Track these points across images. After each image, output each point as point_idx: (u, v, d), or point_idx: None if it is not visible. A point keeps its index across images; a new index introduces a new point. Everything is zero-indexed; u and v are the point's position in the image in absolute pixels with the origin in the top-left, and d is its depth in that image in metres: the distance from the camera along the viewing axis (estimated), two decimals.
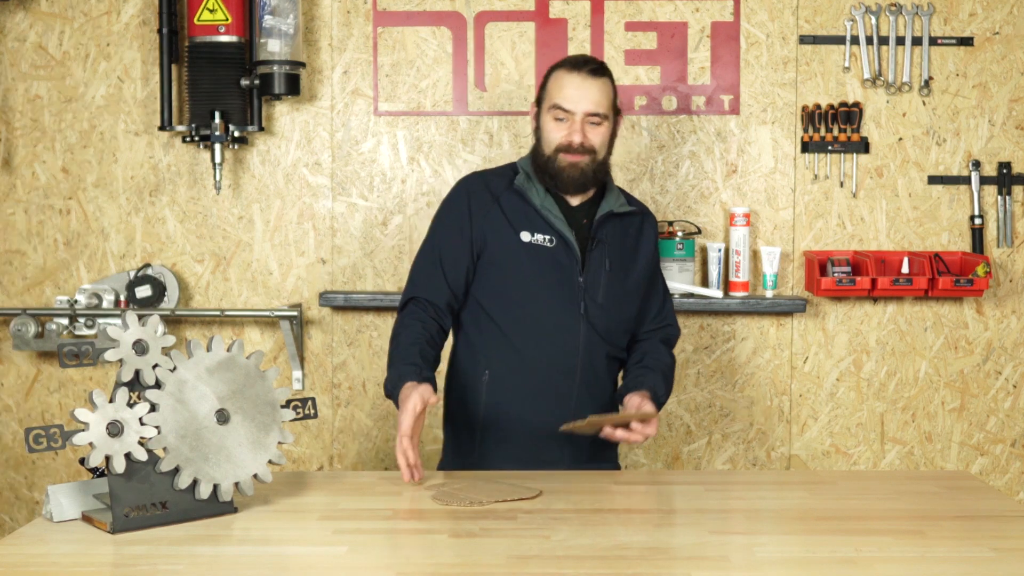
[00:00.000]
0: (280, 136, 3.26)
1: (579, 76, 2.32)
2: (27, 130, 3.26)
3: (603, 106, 2.32)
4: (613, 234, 2.40)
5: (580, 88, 2.31)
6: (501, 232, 2.34)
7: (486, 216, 2.35)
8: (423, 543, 1.72)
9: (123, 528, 1.74)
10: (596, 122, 2.32)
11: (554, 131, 2.33)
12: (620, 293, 2.39)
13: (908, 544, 1.71)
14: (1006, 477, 3.32)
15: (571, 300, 2.33)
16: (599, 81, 2.33)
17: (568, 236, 2.33)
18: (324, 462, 3.32)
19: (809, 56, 3.24)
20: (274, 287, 3.29)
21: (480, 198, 2.37)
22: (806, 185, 3.25)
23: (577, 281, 2.33)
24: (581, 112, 2.31)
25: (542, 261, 2.33)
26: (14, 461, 3.34)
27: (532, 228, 2.34)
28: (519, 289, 2.33)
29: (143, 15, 3.23)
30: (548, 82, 2.37)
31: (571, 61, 2.37)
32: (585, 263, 2.34)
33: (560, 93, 2.32)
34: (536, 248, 2.33)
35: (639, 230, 2.46)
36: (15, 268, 3.29)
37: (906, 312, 3.28)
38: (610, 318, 2.37)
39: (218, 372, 1.83)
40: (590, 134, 2.31)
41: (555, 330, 2.33)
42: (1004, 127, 3.24)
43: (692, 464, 3.30)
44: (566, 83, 2.32)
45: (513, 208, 2.35)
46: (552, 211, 2.34)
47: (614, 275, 2.37)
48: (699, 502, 1.97)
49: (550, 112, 2.33)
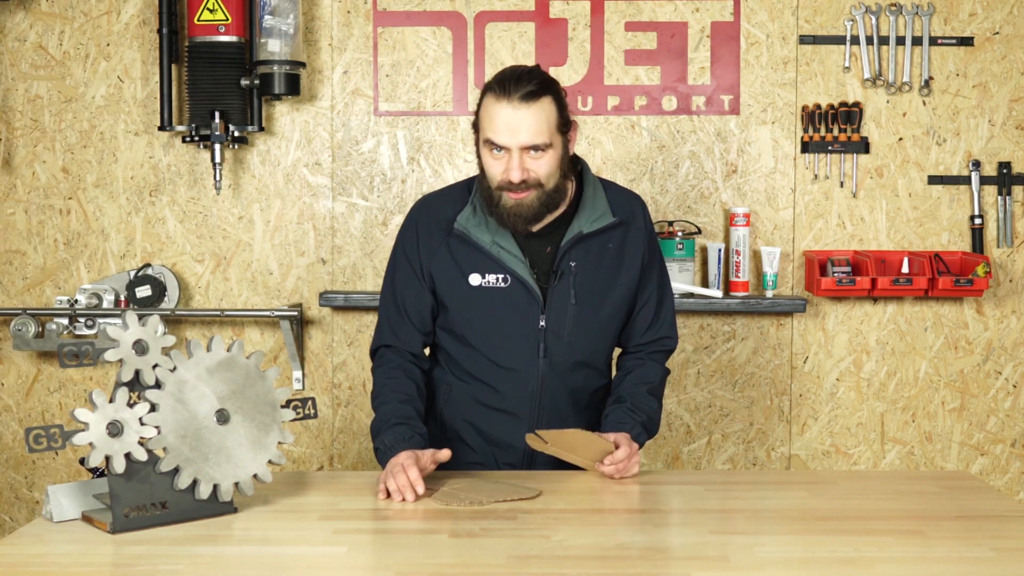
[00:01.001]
0: (280, 136, 3.26)
1: (510, 107, 2.03)
2: (27, 130, 3.26)
3: (543, 134, 2.04)
4: (584, 258, 2.17)
5: (512, 121, 2.03)
6: (449, 276, 2.17)
7: (433, 257, 2.18)
8: (423, 543, 1.72)
9: (123, 528, 1.74)
10: (537, 154, 2.05)
11: (492, 165, 2.08)
12: (591, 325, 2.19)
13: (908, 544, 1.71)
14: (1006, 477, 3.32)
15: (528, 342, 2.15)
16: (534, 107, 2.03)
17: (522, 274, 2.13)
18: (324, 462, 3.32)
19: (809, 56, 3.24)
20: (274, 287, 3.29)
21: (428, 235, 2.19)
22: (806, 185, 3.25)
23: (537, 322, 2.14)
24: (516, 147, 2.04)
25: (495, 304, 2.15)
26: (14, 461, 3.34)
27: (482, 269, 2.14)
28: (470, 334, 2.18)
29: (143, 15, 3.23)
30: (481, 109, 2.10)
31: (501, 83, 2.05)
32: (547, 300, 2.15)
33: (491, 126, 2.05)
34: (487, 292, 2.14)
35: (622, 242, 2.21)
36: (15, 268, 3.29)
37: (906, 312, 3.28)
38: (579, 353, 2.19)
39: (218, 372, 1.83)
40: (532, 166, 2.05)
41: (511, 373, 2.17)
42: (1004, 127, 3.24)
43: (692, 464, 3.30)
44: (496, 115, 2.04)
45: (460, 249, 2.16)
46: (505, 246, 2.13)
47: (584, 308, 2.17)
48: (699, 502, 1.97)
49: (485, 145, 2.08)
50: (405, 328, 2.22)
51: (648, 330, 2.29)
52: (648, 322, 2.28)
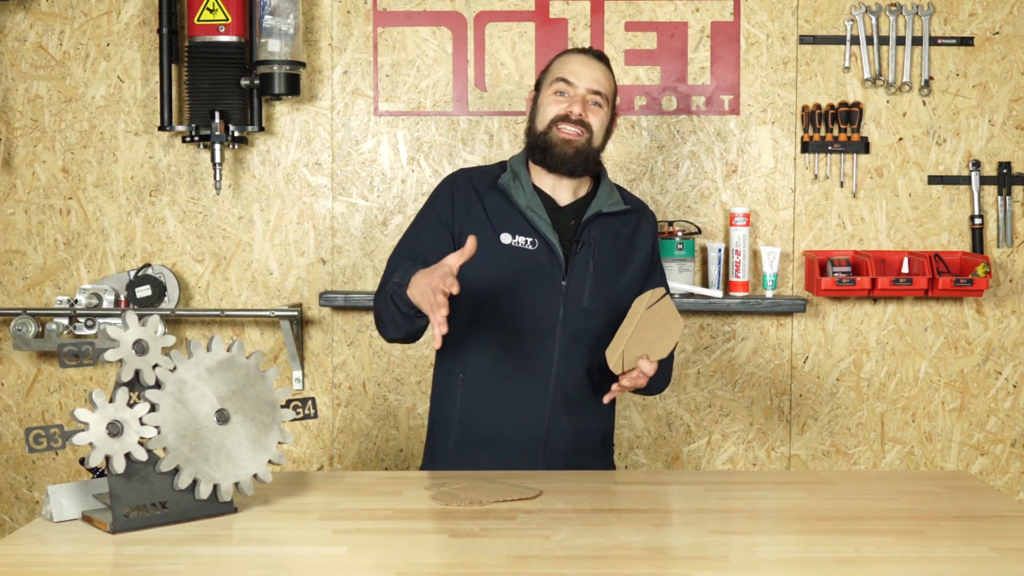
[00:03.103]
0: (280, 136, 3.26)
1: (584, 56, 2.33)
2: (27, 130, 3.26)
3: (605, 87, 2.31)
4: (602, 235, 2.32)
5: (585, 66, 2.31)
6: (481, 232, 2.24)
7: (467, 214, 2.29)
8: (423, 543, 1.72)
9: (123, 528, 1.74)
10: (597, 102, 2.30)
11: (553, 105, 2.30)
12: (607, 297, 2.30)
13: (908, 544, 1.71)
14: (1006, 477, 3.32)
15: (550, 305, 2.26)
16: (603, 65, 2.34)
17: (551, 239, 2.26)
18: (324, 462, 3.32)
19: (809, 56, 3.24)
20: (274, 287, 3.29)
21: (464, 195, 2.32)
22: (806, 185, 3.25)
23: (559, 286, 2.26)
24: (584, 87, 2.29)
25: (522, 264, 2.26)
26: (14, 461, 3.34)
27: (514, 230, 2.28)
28: (495, 292, 2.26)
29: (143, 15, 3.23)
30: (551, 65, 2.37)
31: (575, 48, 2.40)
32: (568, 267, 2.28)
33: (564, 68, 2.31)
34: (516, 251, 2.26)
35: (634, 229, 2.39)
36: (15, 268, 3.29)
37: (906, 312, 3.28)
38: (595, 322, 2.28)
39: (218, 372, 1.83)
40: (589, 111, 2.29)
41: (531, 336, 2.26)
42: (1004, 127, 3.24)
43: (692, 464, 3.30)
44: (571, 60, 2.33)
45: (496, 208, 2.30)
46: (537, 212, 2.28)
47: (601, 278, 2.29)
48: (699, 502, 1.97)
49: (552, 86, 2.31)
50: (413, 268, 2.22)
51: None
52: None
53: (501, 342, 2.27)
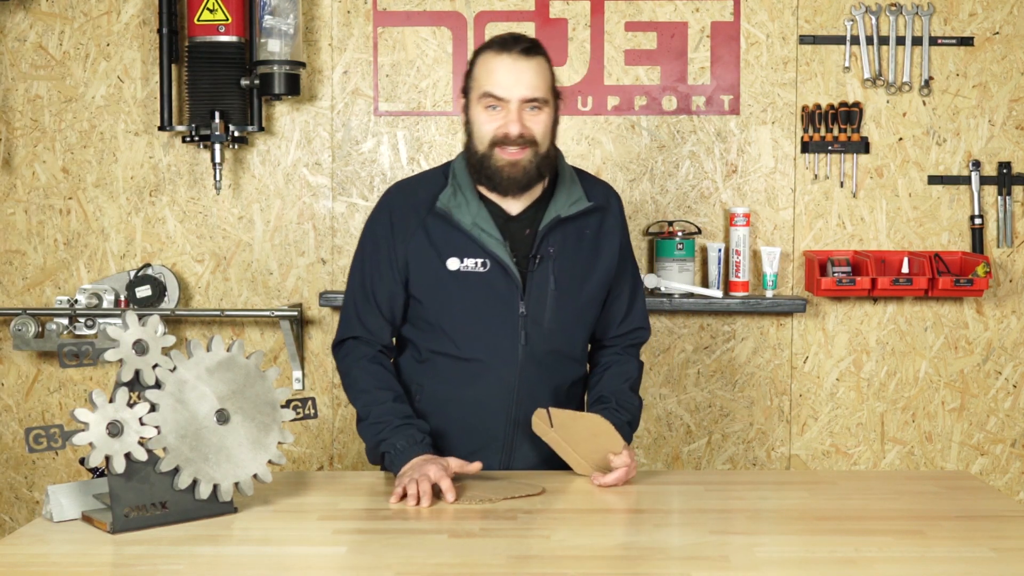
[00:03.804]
0: (280, 136, 3.26)
1: (510, 58, 2.02)
2: (27, 130, 3.26)
3: (541, 89, 2.04)
4: (564, 242, 2.12)
5: (512, 71, 2.02)
6: (425, 260, 2.10)
7: (409, 242, 2.11)
8: (423, 543, 1.72)
9: (123, 528, 1.74)
10: (536, 107, 2.04)
11: (486, 122, 2.05)
12: (572, 312, 2.14)
13: (908, 544, 1.71)
14: (1006, 477, 3.32)
15: (509, 331, 2.10)
16: (533, 61, 2.04)
17: (503, 258, 2.07)
18: (324, 462, 3.32)
19: (809, 56, 3.24)
20: (274, 287, 3.29)
21: (403, 220, 2.12)
22: (806, 185, 3.26)
23: (516, 307, 2.09)
24: (516, 98, 2.02)
25: (474, 290, 2.08)
26: (14, 461, 3.34)
27: (461, 253, 2.08)
28: (447, 322, 2.11)
29: (143, 15, 3.23)
30: (475, 68, 2.08)
31: (499, 41, 2.06)
32: (527, 286, 2.10)
33: (490, 79, 2.03)
34: (466, 276, 2.08)
35: (599, 228, 2.18)
36: (15, 268, 3.29)
37: (906, 312, 3.28)
38: (558, 342, 2.14)
39: (218, 372, 1.83)
40: (529, 122, 2.03)
41: (490, 361, 2.11)
42: (1004, 127, 3.24)
43: (692, 464, 3.30)
44: (496, 67, 2.03)
45: (439, 231, 2.09)
46: (486, 230, 2.08)
47: (563, 293, 2.12)
48: (699, 502, 1.97)
49: (480, 102, 2.05)
50: (374, 318, 2.16)
51: (623, 322, 2.26)
52: (623, 314, 2.26)
53: (459, 367, 2.13)
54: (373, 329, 2.17)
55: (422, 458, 2.01)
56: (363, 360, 2.16)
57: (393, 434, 2.07)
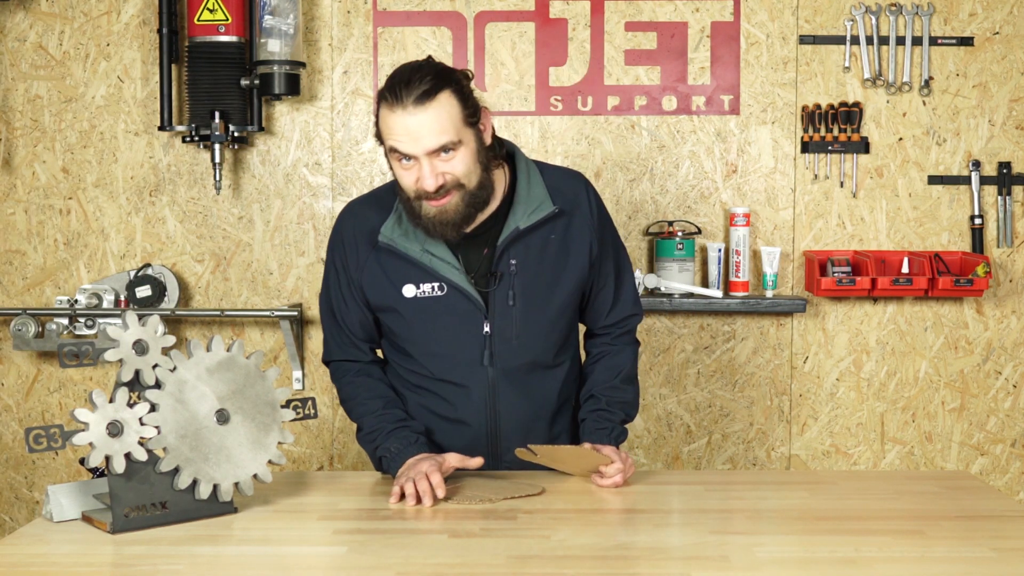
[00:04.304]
0: (280, 136, 3.26)
1: (405, 113, 1.89)
2: (27, 130, 3.26)
3: (447, 133, 1.90)
4: (526, 255, 2.05)
5: (411, 127, 1.89)
6: (382, 289, 2.06)
7: (363, 271, 2.08)
8: (423, 543, 1.72)
9: (123, 528, 1.74)
10: (447, 155, 1.92)
11: (404, 176, 1.95)
12: (542, 323, 2.09)
13: (908, 544, 1.71)
14: (1006, 477, 3.32)
15: (472, 351, 2.06)
16: (431, 108, 1.89)
17: (459, 282, 2.02)
18: (324, 462, 3.32)
19: (809, 56, 3.24)
20: (274, 287, 3.29)
21: (355, 250, 2.09)
22: (806, 185, 3.26)
23: (481, 328, 2.05)
24: (422, 152, 1.91)
25: (433, 314, 2.04)
26: (14, 461, 3.34)
27: (415, 279, 2.04)
28: (412, 347, 2.09)
29: (143, 15, 3.23)
30: (379, 120, 1.96)
31: (392, 89, 1.91)
32: (489, 305, 2.04)
33: (392, 136, 1.92)
34: (424, 302, 2.04)
35: (566, 231, 2.08)
36: (15, 268, 3.29)
37: (906, 312, 3.28)
38: (530, 355, 2.09)
39: (218, 372, 1.83)
40: (445, 168, 1.93)
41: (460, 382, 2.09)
42: (1004, 127, 3.24)
43: (692, 464, 3.30)
44: (393, 124, 1.91)
45: (390, 260, 2.05)
46: (436, 253, 2.02)
47: (530, 307, 2.06)
48: (699, 502, 1.97)
49: (392, 157, 1.95)
50: (349, 343, 2.17)
51: (611, 311, 2.21)
52: (609, 304, 2.20)
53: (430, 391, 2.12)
54: (350, 352, 2.18)
55: (417, 457, 2.01)
56: (350, 374, 2.18)
57: (387, 439, 2.07)
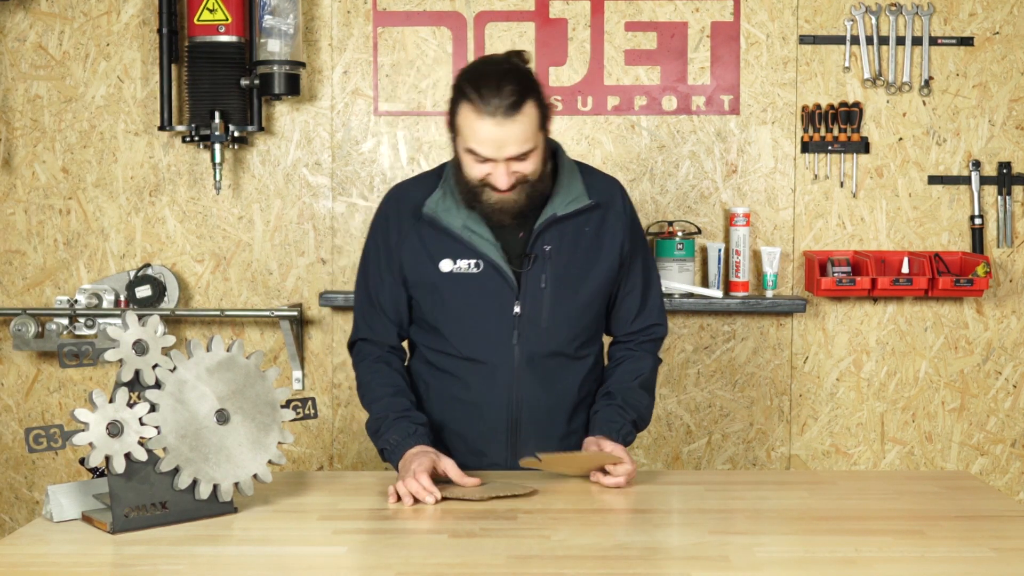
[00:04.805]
0: (280, 136, 3.26)
1: (493, 123, 1.93)
2: (27, 130, 3.26)
3: (529, 142, 1.97)
4: (560, 240, 2.10)
5: (497, 138, 1.95)
6: (419, 262, 2.11)
7: (403, 244, 2.12)
8: (423, 543, 1.72)
9: (123, 528, 1.74)
10: (522, 157, 1.99)
11: (474, 168, 2.01)
12: (571, 310, 2.12)
13: (908, 544, 1.71)
14: (1006, 477, 3.32)
15: (503, 331, 2.09)
16: (518, 120, 1.94)
17: (496, 259, 2.07)
18: (324, 462, 3.32)
19: (809, 56, 3.24)
20: (274, 287, 3.29)
21: (398, 223, 2.13)
22: (806, 185, 3.25)
23: (511, 307, 2.09)
24: (503, 157, 1.97)
25: (467, 291, 2.09)
26: (14, 461, 3.34)
27: (454, 254, 2.08)
28: (442, 322, 2.13)
29: (143, 15, 3.23)
30: (458, 115, 2.00)
31: (480, 94, 1.95)
32: (521, 286, 2.08)
33: (474, 137, 1.97)
34: (459, 278, 2.08)
35: (600, 225, 2.14)
36: (15, 268, 3.29)
37: (906, 312, 3.28)
38: (556, 341, 2.12)
39: (218, 372, 1.83)
40: (517, 168, 1.99)
41: (485, 362, 2.12)
42: (1004, 127, 3.24)
43: (692, 464, 3.30)
44: (479, 129, 1.95)
45: (431, 235, 2.10)
46: (476, 230, 2.07)
47: (560, 292, 2.10)
48: (699, 502, 1.97)
49: (466, 153, 2.00)
50: (379, 321, 2.19)
51: (636, 319, 2.23)
52: (635, 310, 2.23)
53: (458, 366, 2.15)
54: (378, 331, 2.20)
55: (414, 451, 2.02)
56: (368, 360, 2.21)
57: (389, 429, 2.10)
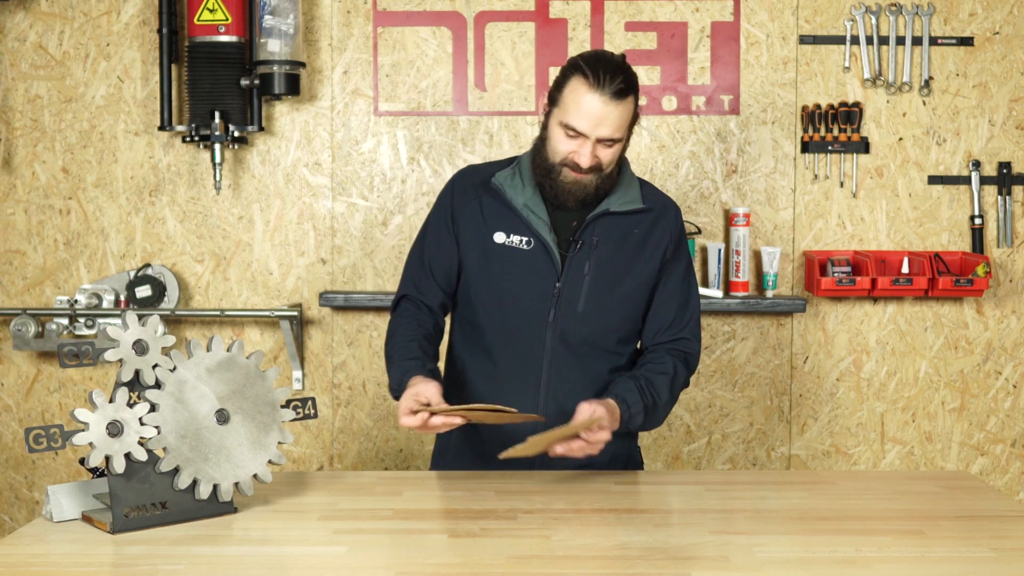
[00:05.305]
0: (280, 136, 3.26)
1: (601, 99, 2.06)
2: (27, 130, 3.26)
3: (620, 130, 2.10)
4: (608, 235, 2.19)
5: (599, 114, 2.07)
6: (474, 229, 2.21)
7: (464, 212, 2.23)
8: (423, 543, 1.72)
9: (123, 528, 1.74)
10: (609, 144, 2.11)
11: (562, 143, 2.12)
12: (607, 301, 2.19)
13: (908, 544, 1.71)
14: (1006, 477, 3.32)
15: (540, 308, 2.17)
16: (622, 105, 2.08)
17: (547, 238, 2.16)
18: (324, 462, 3.32)
19: (809, 56, 3.24)
20: (274, 287, 3.29)
21: (463, 193, 2.25)
22: (806, 185, 3.25)
23: (552, 287, 2.17)
24: (595, 136, 2.09)
25: (514, 265, 2.18)
26: (14, 461, 3.34)
27: (508, 229, 2.19)
28: (488, 292, 2.21)
29: (143, 15, 3.23)
30: (565, 87, 2.12)
31: (595, 72, 2.07)
32: (565, 268, 2.17)
33: (577, 112, 2.08)
34: (509, 250, 2.18)
35: (649, 230, 2.22)
36: (15, 268, 3.29)
37: (906, 312, 3.28)
38: (590, 328, 2.19)
39: (218, 372, 1.83)
40: (601, 154, 2.11)
41: (520, 338, 2.18)
42: (1004, 127, 3.24)
43: (692, 464, 3.30)
44: (585, 103, 2.07)
45: (492, 206, 2.21)
46: (535, 211, 2.18)
47: (600, 281, 2.18)
48: (699, 502, 1.97)
49: (561, 126, 2.11)
50: (427, 282, 2.26)
51: (668, 329, 2.26)
52: (669, 321, 2.26)
53: (494, 342, 2.21)
54: (424, 291, 2.27)
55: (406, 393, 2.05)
56: (402, 314, 2.27)
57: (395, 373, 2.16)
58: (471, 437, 2.27)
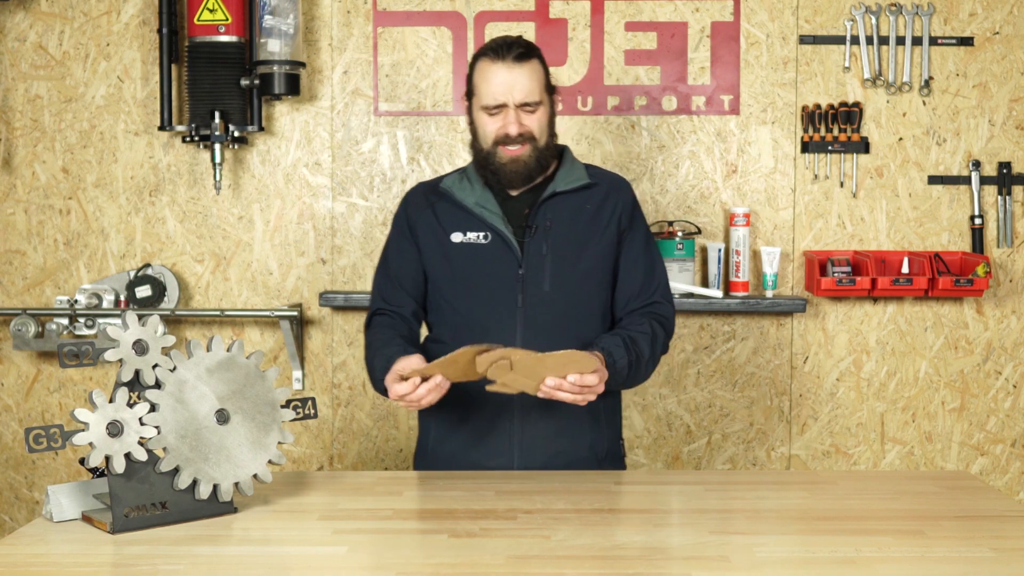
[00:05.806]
0: (280, 136, 3.26)
1: (505, 66, 2.22)
2: (27, 130, 3.26)
3: (535, 93, 2.23)
4: (560, 215, 2.27)
5: (507, 80, 2.21)
6: (432, 234, 2.30)
7: (419, 222, 2.32)
8: (423, 543, 1.72)
9: (123, 528, 1.74)
10: (530, 110, 2.23)
11: (488, 124, 2.26)
12: (572, 278, 2.26)
13: (908, 544, 1.71)
14: (1006, 477, 3.32)
15: (507, 295, 2.24)
16: (526, 67, 2.23)
17: (502, 230, 2.25)
18: (324, 462, 3.32)
19: (809, 56, 3.24)
20: (274, 287, 3.29)
21: (416, 206, 2.35)
22: (806, 185, 3.26)
23: (515, 274, 2.24)
24: (513, 103, 2.22)
25: (475, 260, 2.26)
26: (14, 461, 3.34)
27: (464, 228, 2.28)
28: (452, 291, 2.29)
29: (143, 15, 3.23)
30: (474, 75, 2.28)
31: (493, 48, 2.25)
32: (524, 254, 2.25)
33: (488, 88, 2.24)
34: (468, 247, 2.27)
35: (600, 204, 2.31)
36: (15, 268, 3.29)
37: (906, 312, 3.28)
38: (560, 307, 2.25)
39: (218, 372, 1.83)
40: (526, 121, 2.23)
41: (492, 328, 2.23)
42: (1004, 127, 3.24)
43: (692, 464, 3.31)
44: (491, 76, 2.23)
45: (445, 211, 2.31)
46: (486, 206, 2.28)
47: (559, 260, 2.25)
48: (699, 502, 1.97)
49: (482, 110, 2.26)
50: (396, 293, 2.34)
51: (638, 296, 2.31)
52: (637, 288, 2.31)
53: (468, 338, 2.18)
54: (393, 301, 2.34)
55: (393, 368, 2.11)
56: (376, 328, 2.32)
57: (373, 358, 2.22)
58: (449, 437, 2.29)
